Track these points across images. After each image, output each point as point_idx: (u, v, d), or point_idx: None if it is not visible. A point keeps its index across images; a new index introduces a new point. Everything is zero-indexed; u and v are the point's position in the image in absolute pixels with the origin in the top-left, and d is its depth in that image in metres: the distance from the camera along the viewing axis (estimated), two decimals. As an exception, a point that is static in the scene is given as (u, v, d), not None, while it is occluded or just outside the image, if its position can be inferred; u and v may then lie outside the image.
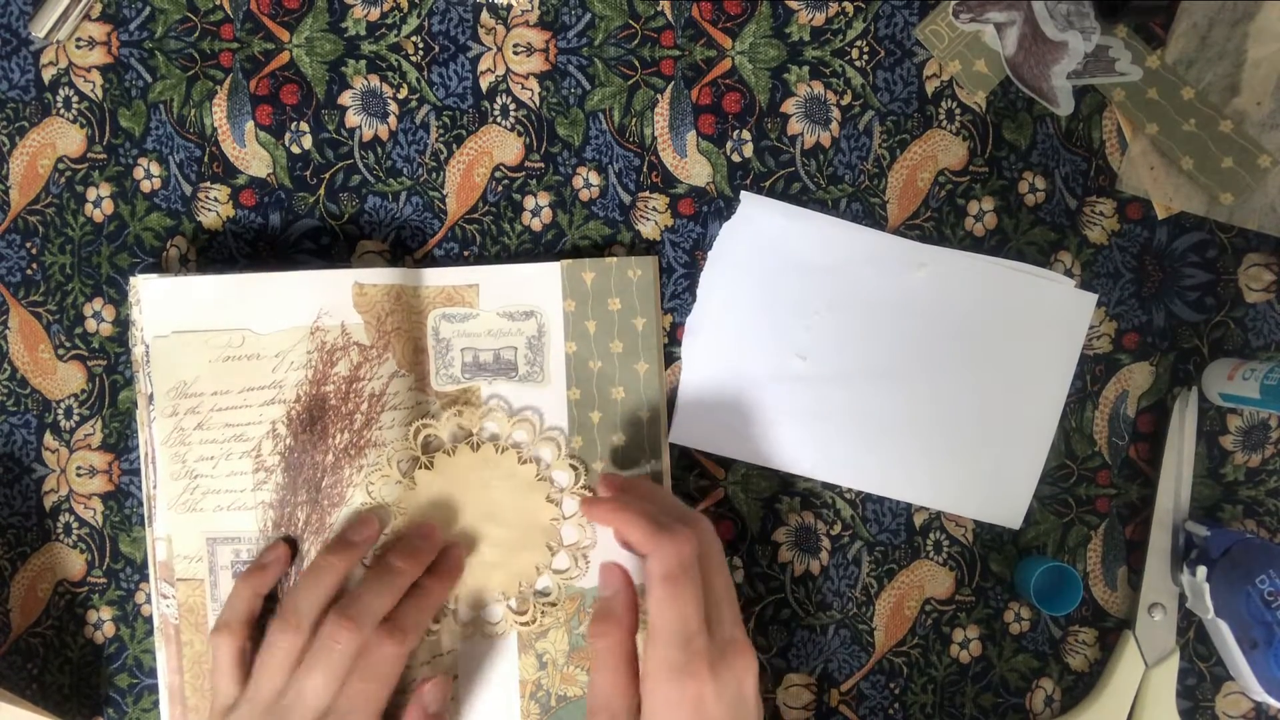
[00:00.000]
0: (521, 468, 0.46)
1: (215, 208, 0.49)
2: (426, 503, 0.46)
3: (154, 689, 0.49)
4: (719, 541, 0.42)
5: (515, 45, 0.48)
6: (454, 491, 0.46)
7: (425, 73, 0.48)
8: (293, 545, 0.45)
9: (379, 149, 0.48)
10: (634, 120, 0.48)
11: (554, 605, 0.46)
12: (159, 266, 0.49)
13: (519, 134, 0.48)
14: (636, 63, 0.48)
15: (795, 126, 0.48)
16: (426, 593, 0.43)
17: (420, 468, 0.46)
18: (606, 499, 0.43)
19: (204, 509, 0.45)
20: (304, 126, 0.48)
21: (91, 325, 0.49)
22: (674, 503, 0.44)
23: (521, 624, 0.46)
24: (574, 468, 0.46)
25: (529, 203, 0.48)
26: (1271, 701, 0.44)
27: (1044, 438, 0.47)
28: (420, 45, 0.48)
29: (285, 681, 0.40)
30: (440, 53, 0.48)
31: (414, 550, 0.44)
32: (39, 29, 0.48)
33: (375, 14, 0.48)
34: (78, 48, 0.49)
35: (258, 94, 0.48)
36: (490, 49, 0.48)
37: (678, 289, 0.48)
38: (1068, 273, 0.48)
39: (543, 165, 0.48)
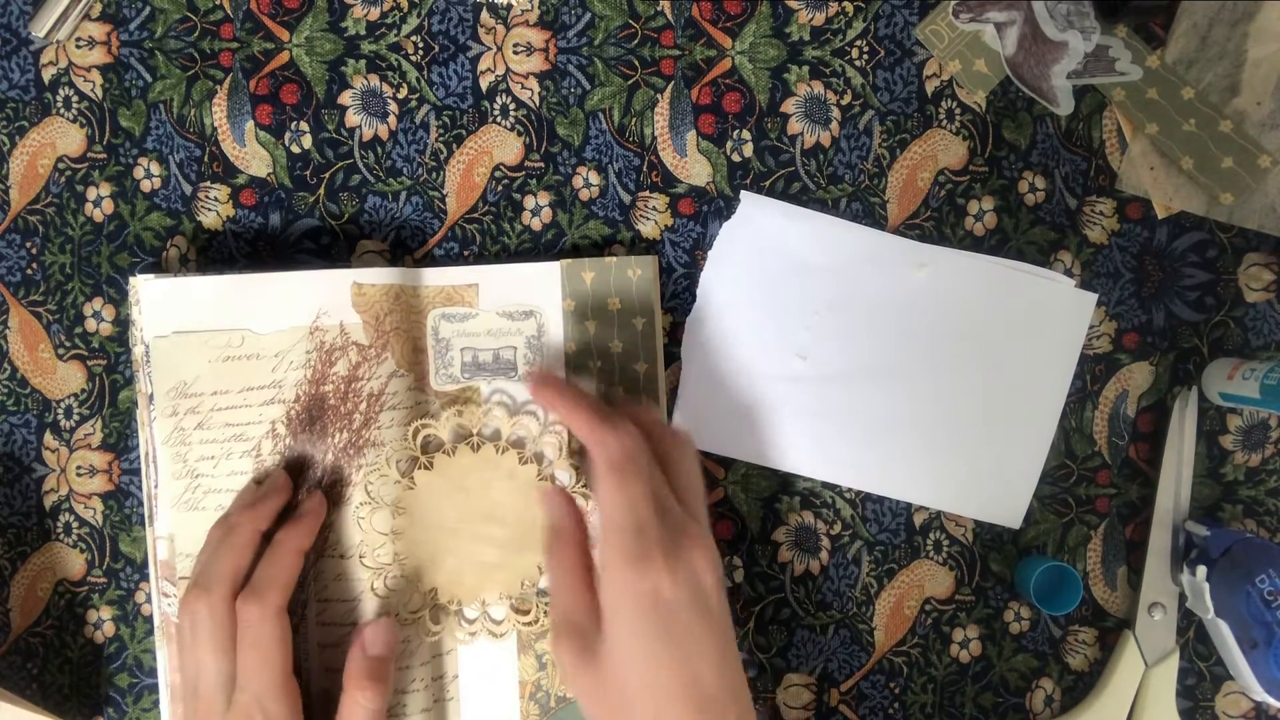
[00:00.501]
0: (522, 468, 0.46)
1: (215, 207, 0.49)
2: (426, 503, 0.46)
3: (154, 689, 0.49)
4: (683, 438, 0.42)
5: (515, 45, 0.48)
6: (454, 492, 0.46)
7: (425, 72, 0.48)
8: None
9: (379, 149, 0.48)
10: (634, 120, 0.48)
11: (554, 605, 0.46)
12: (159, 266, 0.49)
13: (519, 134, 0.48)
14: (636, 62, 0.48)
15: (795, 126, 0.48)
16: (276, 545, 0.42)
17: (420, 468, 0.45)
18: (556, 380, 0.43)
19: (206, 508, 0.45)
20: (304, 126, 0.48)
21: (91, 325, 0.49)
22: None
23: (524, 624, 0.46)
24: (575, 467, 0.46)
25: (529, 202, 0.48)
26: (1271, 701, 0.44)
27: (1044, 437, 0.47)
28: (420, 45, 0.48)
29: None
30: (440, 52, 0.48)
31: (254, 502, 0.43)
32: (39, 29, 0.48)
33: (375, 14, 0.48)
34: (78, 47, 0.49)
35: (258, 94, 0.48)
36: (490, 49, 0.48)
37: (678, 289, 0.48)
38: (1068, 272, 0.48)
39: (543, 165, 0.48)
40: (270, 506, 0.43)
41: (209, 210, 0.49)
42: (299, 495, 0.45)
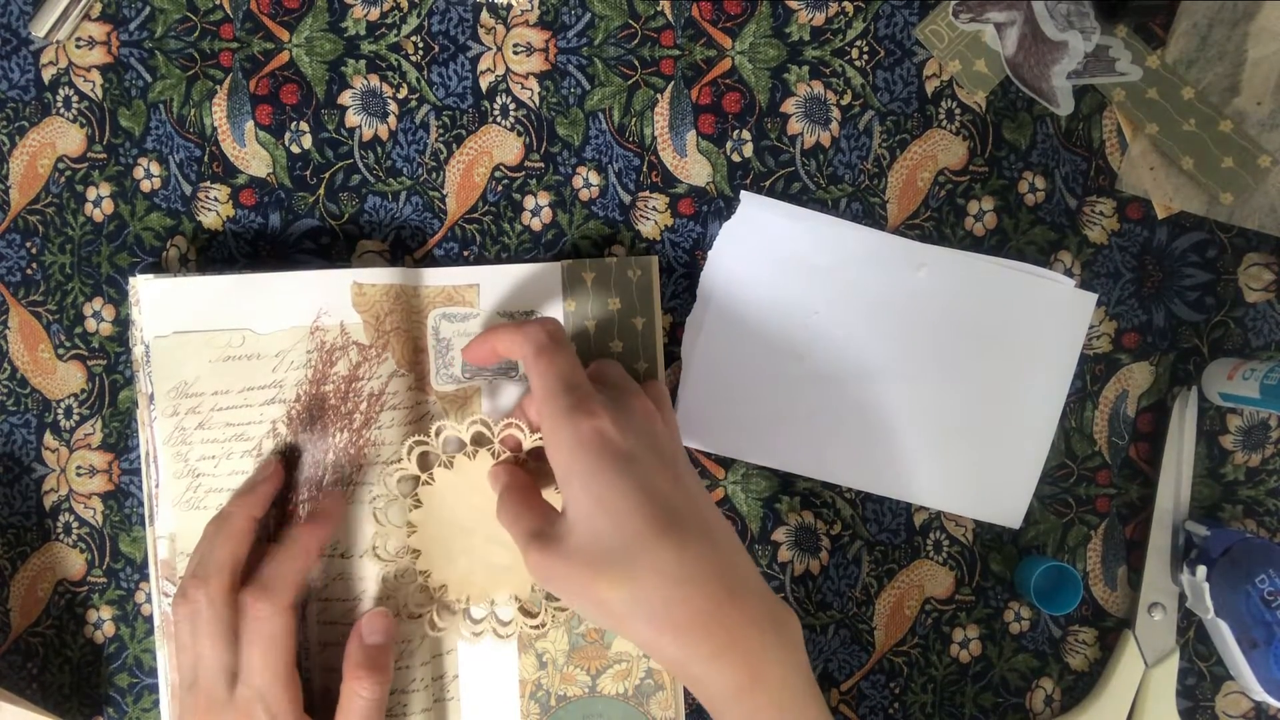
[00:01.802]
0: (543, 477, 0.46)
1: (215, 207, 0.49)
2: (444, 500, 0.45)
3: (154, 688, 0.49)
4: (601, 360, 0.44)
5: (515, 45, 0.48)
6: (472, 493, 0.45)
7: (425, 72, 0.48)
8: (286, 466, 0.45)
9: (379, 149, 0.48)
10: (634, 120, 0.48)
11: (563, 609, 0.46)
12: (159, 266, 0.49)
13: (519, 134, 0.48)
14: (636, 62, 0.48)
15: (795, 126, 0.48)
16: (290, 542, 0.42)
17: (440, 465, 0.45)
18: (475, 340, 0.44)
19: (207, 507, 0.45)
20: (304, 126, 0.48)
21: (91, 325, 0.49)
22: None
23: (531, 625, 0.46)
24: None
25: (529, 202, 0.48)
26: (1271, 701, 0.44)
27: (1044, 437, 0.47)
28: (420, 45, 0.48)
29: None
30: (440, 52, 0.48)
31: (246, 489, 0.43)
32: (39, 29, 0.48)
33: (375, 14, 0.48)
34: (78, 47, 0.49)
35: (258, 94, 0.48)
36: (490, 49, 0.48)
37: (678, 289, 0.48)
38: (1068, 272, 0.48)
39: (543, 165, 0.48)
40: (262, 492, 0.43)
41: (209, 210, 0.49)
42: (300, 495, 0.45)
